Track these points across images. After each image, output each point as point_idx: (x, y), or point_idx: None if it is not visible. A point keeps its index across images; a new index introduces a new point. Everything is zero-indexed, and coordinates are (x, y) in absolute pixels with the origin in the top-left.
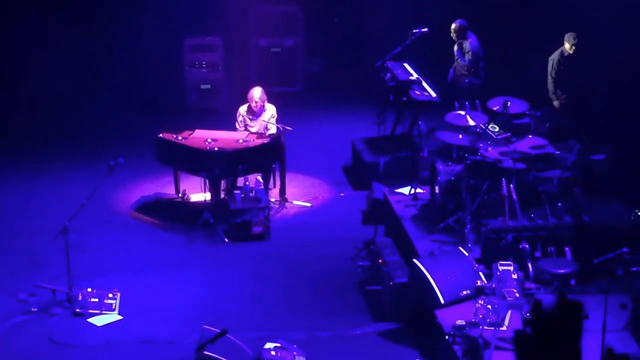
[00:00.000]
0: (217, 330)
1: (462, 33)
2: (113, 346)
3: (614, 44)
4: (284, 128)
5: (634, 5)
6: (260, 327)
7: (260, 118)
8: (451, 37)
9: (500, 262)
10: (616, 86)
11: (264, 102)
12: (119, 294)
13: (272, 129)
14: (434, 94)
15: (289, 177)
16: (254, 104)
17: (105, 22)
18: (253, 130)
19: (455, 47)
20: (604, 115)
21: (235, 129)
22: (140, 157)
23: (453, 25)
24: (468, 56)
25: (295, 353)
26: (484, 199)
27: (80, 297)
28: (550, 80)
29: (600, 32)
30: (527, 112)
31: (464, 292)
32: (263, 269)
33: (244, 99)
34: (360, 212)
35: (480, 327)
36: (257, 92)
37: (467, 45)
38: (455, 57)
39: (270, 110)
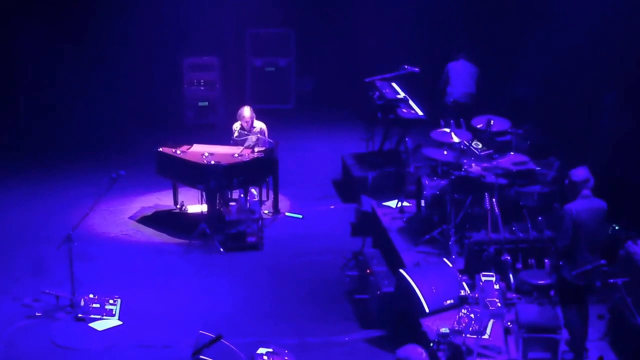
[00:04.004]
0: (212, 336)
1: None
2: (113, 350)
3: (596, 64)
4: (276, 143)
5: (615, 29)
6: (253, 332)
7: (251, 134)
8: (437, 60)
9: (483, 273)
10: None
11: (252, 120)
12: (119, 300)
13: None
14: (420, 112)
15: (281, 190)
16: (243, 122)
17: (109, 42)
18: (246, 142)
19: None
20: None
21: (230, 144)
22: (140, 169)
23: None
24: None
25: (286, 358)
26: (468, 213)
27: (82, 303)
28: None
29: (584, 52)
30: (509, 130)
31: (448, 302)
32: (256, 278)
33: None
34: (350, 224)
35: (464, 334)
36: (245, 111)
37: None
38: None
39: (259, 126)
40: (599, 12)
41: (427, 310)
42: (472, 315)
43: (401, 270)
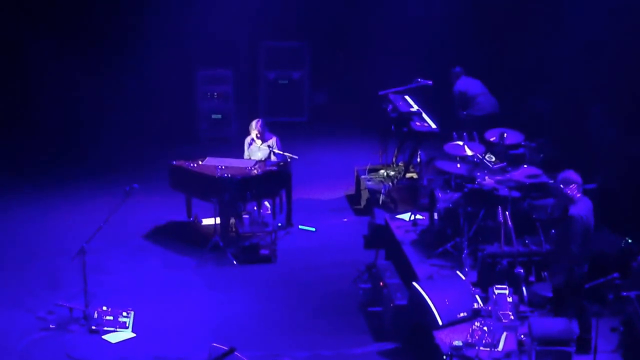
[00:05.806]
0: (226, 348)
1: (453, 78)
2: None
3: (611, 79)
4: (290, 157)
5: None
6: (266, 345)
7: (264, 144)
8: (450, 76)
9: (496, 286)
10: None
11: (264, 133)
12: (132, 313)
13: (272, 157)
14: (433, 125)
15: (295, 203)
16: (254, 135)
17: (123, 55)
18: (259, 155)
19: None
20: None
21: (243, 157)
22: (154, 183)
23: None
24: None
25: None
26: (481, 226)
27: (96, 315)
28: None
29: (599, 66)
30: (522, 143)
31: (461, 314)
32: (269, 290)
33: None
34: (363, 237)
35: (477, 347)
36: (256, 124)
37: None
38: None
39: (270, 139)
40: (613, 26)
41: (440, 323)
42: (485, 328)
43: (414, 283)
